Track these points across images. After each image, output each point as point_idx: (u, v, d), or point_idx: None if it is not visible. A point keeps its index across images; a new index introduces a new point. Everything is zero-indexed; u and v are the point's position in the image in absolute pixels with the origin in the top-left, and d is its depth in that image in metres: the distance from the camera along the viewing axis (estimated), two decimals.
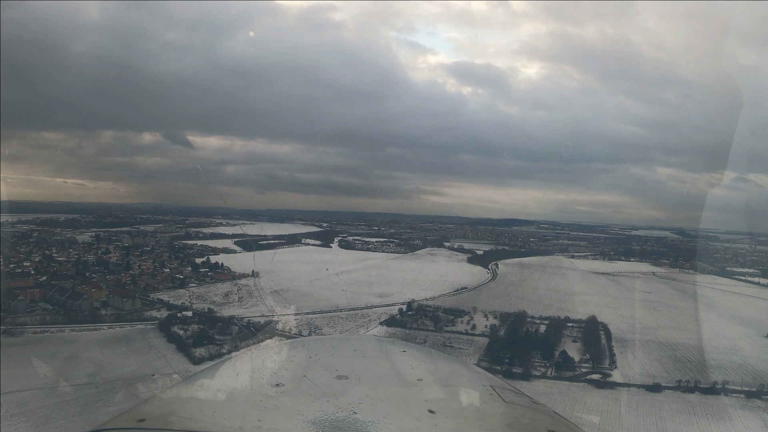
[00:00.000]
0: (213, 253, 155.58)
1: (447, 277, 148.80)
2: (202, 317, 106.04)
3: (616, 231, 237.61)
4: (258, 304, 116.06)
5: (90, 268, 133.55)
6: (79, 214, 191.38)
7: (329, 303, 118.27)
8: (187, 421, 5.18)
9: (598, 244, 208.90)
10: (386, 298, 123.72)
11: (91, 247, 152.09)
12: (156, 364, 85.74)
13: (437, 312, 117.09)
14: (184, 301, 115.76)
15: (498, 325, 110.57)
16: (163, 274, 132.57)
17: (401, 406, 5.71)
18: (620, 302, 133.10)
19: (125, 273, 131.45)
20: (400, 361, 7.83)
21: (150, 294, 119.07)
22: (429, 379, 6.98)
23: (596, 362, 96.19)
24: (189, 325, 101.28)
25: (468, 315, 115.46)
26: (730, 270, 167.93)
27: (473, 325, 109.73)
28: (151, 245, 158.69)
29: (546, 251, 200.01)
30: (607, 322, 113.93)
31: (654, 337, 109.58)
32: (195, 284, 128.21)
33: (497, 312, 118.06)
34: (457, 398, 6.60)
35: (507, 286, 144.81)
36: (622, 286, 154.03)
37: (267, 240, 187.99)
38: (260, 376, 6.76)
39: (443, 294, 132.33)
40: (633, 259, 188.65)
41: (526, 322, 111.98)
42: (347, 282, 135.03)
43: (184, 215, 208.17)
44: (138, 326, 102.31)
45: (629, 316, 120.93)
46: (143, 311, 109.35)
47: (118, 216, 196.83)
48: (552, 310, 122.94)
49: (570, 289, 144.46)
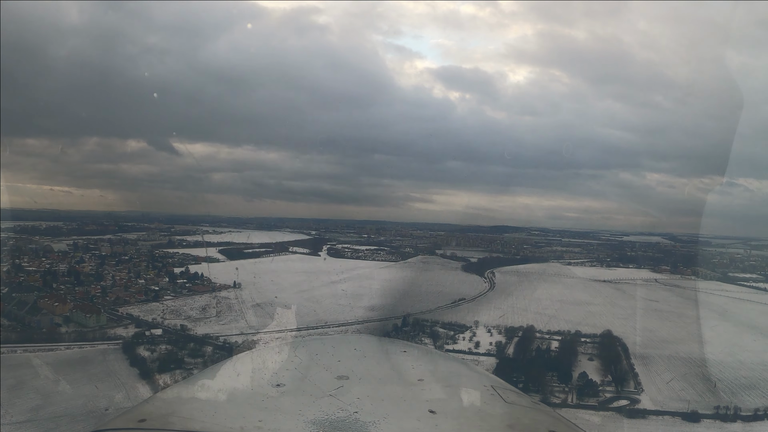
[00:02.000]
0: (194, 262, 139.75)
1: (442, 288, 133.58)
2: (173, 336, 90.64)
3: (608, 237, 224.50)
4: (237, 319, 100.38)
5: (59, 279, 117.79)
6: (63, 222, 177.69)
7: (316, 318, 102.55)
8: (187, 421, 4.96)
9: (592, 250, 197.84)
10: (379, 312, 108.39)
11: (67, 255, 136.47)
12: (112, 395, 70.03)
13: (435, 327, 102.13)
14: (155, 316, 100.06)
15: (504, 342, 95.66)
16: (137, 285, 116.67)
17: (402, 406, 5.53)
18: (629, 313, 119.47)
19: (96, 284, 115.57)
20: (401, 361, 7.69)
21: (120, 308, 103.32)
22: (430, 379, 6.86)
23: (620, 385, 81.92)
24: (157, 346, 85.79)
25: (470, 330, 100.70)
26: (732, 276, 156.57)
27: (477, 342, 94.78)
28: (130, 254, 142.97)
29: (541, 258, 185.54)
30: (622, 336, 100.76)
31: (674, 352, 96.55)
32: (171, 297, 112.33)
33: (501, 326, 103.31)
34: (458, 398, 6.37)
35: (507, 297, 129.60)
36: (626, 294, 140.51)
37: (253, 248, 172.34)
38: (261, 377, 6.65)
39: (440, 306, 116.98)
40: (631, 265, 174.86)
41: (536, 337, 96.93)
42: (336, 294, 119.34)
43: (171, 223, 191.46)
44: (100, 346, 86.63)
45: (642, 329, 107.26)
46: (108, 328, 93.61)
47: (103, 224, 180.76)
48: (560, 323, 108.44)
49: (574, 299, 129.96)
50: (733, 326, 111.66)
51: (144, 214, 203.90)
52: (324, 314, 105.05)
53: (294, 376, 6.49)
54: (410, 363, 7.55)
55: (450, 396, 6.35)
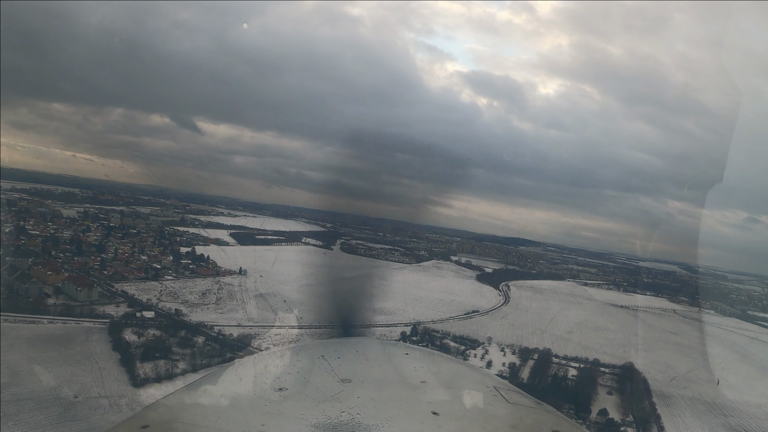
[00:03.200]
0: (203, 243, 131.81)
1: (456, 296, 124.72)
2: (165, 320, 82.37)
3: (623, 260, 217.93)
4: (237, 309, 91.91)
5: (60, 246, 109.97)
6: (80, 189, 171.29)
7: (320, 316, 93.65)
8: (190, 427, 4.92)
9: (609, 273, 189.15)
10: (388, 317, 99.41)
11: (74, 223, 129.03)
12: (85, 381, 61.72)
13: (446, 339, 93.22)
14: (151, 296, 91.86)
15: (519, 363, 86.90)
16: (139, 261, 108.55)
17: (405, 408, 5.47)
18: (649, 344, 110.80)
19: (96, 256, 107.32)
20: (403, 363, 7.45)
21: (116, 284, 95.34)
22: (432, 381, 6.69)
23: (642, 428, 71.89)
24: (146, 330, 77.25)
25: (482, 346, 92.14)
26: (751, 314, 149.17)
27: (489, 361, 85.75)
28: (138, 228, 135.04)
29: (557, 275, 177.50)
30: (642, 370, 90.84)
31: (697, 393, 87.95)
32: (171, 277, 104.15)
33: (515, 346, 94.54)
34: (461, 400, 6.29)
35: (522, 313, 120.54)
36: (645, 324, 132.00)
37: (265, 235, 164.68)
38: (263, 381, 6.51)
39: (452, 317, 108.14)
40: (648, 292, 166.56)
41: (552, 362, 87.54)
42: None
43: (188, 201, 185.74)
44: (85, 323, 78.34)
45: (663, 364, 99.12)
46: (99, 305, 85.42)
47: (119, 194, 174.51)
48: (577, 348, 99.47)
49: (591, 323, 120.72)
50: (757, 371, 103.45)
51: (163, 189, 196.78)
52: (329, 313, 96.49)
53: (296, 380, 6.19)
54: (413, 365, 7.19)
55: (453, 397, 6.13)
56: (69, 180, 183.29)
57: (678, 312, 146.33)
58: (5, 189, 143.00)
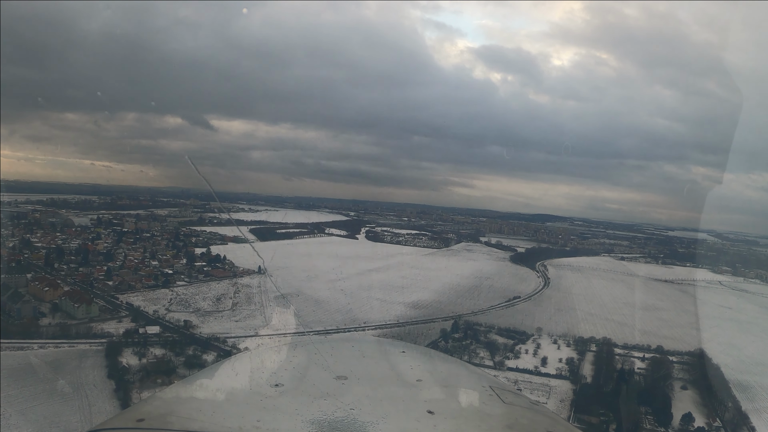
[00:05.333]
0: (220, 242, 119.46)
1: (492, 281, 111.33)
2: (172, 335, 69.42)
3: (652, 231, 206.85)
4: (255, 314, 78.91)
5: (64, 258, 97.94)
6: (99, 196, 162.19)
7: (349, 317, 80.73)
8: (186, 421, 4.67)
9: (641, 245, 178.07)
10: (423, 310, 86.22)
11: (85, 231, 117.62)
12: (69, 423, 48.61)
13: (491, 333, 79.47)
14: (159, 307, 79.37)
15: (577, 359, 72.92)
16: (149, 268, 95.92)
17: (400, 406, 5.23)
18: (707, 323, 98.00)
19: (102, 265, 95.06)
20: (400, 361, 6.98)
21: (121, 294, 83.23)
22: (428, 379, 6.31)
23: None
24: (149, 349, 64.60)
25: (532, 339, 78.86)
26: None
27: (543, 357, 72.14)
28: (153, 231, 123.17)
29: (591, 251, 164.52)
30: (712, 356, 77.05)
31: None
32: (184, 282, 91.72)
33: (569, 336, 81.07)
34: (457, 399, 5.93)
35: (566, 295, 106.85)
36: (695, 299, 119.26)
37: (287, 228, 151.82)
38: (259, 376, 6.08)
39: (494, 306, 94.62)
40: (688, 263, 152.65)
41: (614, 355, 73.54)
42: (374, 285, 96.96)
43: (208, 200, 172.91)
44: (80, 346, 65.59)
45: (730, 345, 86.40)
46: (99, 321, 73.28)
47: (138, 198, 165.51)
48: (634, 333, 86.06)
49: (641, 303, 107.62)
50: None
51: (184, 190, 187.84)
52: (359, 312, 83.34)
53: (293, 375, 5.85)
54: (409, 363, 6.68)
55: (448, 396, 5.81)
56: (89, 188, 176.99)
57: (723, 283, 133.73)
58: (19, 202, 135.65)
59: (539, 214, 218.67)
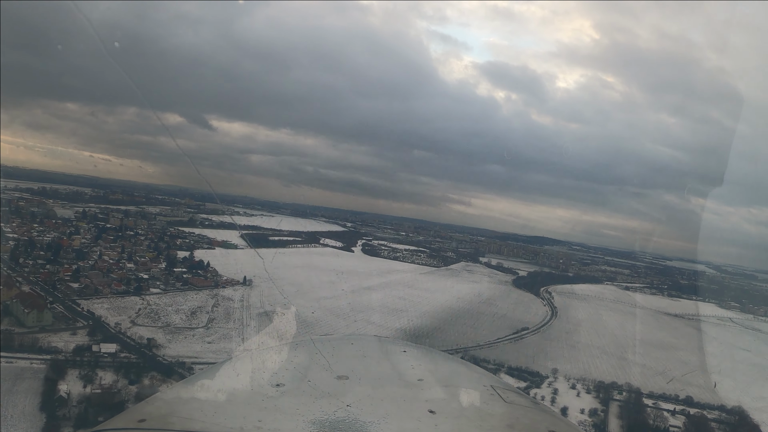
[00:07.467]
0: (207, 247, 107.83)
1: (496, 308, 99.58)
2: (130, 356, 56.88)
3: (650, 259, 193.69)
4: (231, 335, 66.44)
5: (33, 252, 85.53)
6: (92, 189, 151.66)
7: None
8: (187, 421, 4.61)
9: (642, 274, 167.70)
10: (423, 340, 73.57)
11: (66, 224, 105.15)
12: None
13: (500, 372, 67.39)
14: (125, 317, 66.99)
15: (601, 410, 60.44)
16: (123, 270, 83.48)
17: (402, 406, 5.16)
18: (730, 368, 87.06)
19: (71, 263, 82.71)
20: (401, 361, 6.89)
21: (86, 300, 70.61)
22: (429, 379, 6.15)
23: None
24: (100, 373, 51.90)
25: (547, 382, 66.63)
26: None
27: (563, 407, 59.70)
28: (138, 229, 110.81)
29: (593, 278, 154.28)
30: (747, 410, 65.58)
31: None
32: (159, 290, 79.52)
33: (588, 380, 69.38)
34: (458, 398, 5.76)
35: (576, 328, 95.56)
36: (710, 337, 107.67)
37: (281, 236, 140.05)
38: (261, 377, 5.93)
39: (500, 338, 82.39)
40: (693, 297, 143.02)
41: (644, 406, 61.40)
42: (369, 306, 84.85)
43: (204, 200, 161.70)
44: (21, 362, 52.96)
45: (759, 398, 72.59)
46: (49, 332, 60.83)
47: (132, 194, 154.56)
48: (656, 378, 74.41)
49: (657, 341, 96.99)
50: None
51: (182, 189, 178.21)
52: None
53: (294, 376, 5.68)
54: (410, 363, 6.61)
55: (450, 396, 5.65)
56: (87, 180, 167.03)
57: (735, 321, 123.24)
58: (8, 188, 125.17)
59: (537, 236, 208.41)
